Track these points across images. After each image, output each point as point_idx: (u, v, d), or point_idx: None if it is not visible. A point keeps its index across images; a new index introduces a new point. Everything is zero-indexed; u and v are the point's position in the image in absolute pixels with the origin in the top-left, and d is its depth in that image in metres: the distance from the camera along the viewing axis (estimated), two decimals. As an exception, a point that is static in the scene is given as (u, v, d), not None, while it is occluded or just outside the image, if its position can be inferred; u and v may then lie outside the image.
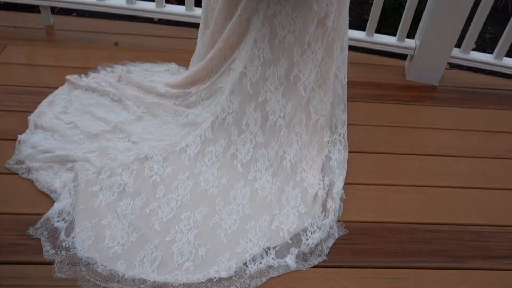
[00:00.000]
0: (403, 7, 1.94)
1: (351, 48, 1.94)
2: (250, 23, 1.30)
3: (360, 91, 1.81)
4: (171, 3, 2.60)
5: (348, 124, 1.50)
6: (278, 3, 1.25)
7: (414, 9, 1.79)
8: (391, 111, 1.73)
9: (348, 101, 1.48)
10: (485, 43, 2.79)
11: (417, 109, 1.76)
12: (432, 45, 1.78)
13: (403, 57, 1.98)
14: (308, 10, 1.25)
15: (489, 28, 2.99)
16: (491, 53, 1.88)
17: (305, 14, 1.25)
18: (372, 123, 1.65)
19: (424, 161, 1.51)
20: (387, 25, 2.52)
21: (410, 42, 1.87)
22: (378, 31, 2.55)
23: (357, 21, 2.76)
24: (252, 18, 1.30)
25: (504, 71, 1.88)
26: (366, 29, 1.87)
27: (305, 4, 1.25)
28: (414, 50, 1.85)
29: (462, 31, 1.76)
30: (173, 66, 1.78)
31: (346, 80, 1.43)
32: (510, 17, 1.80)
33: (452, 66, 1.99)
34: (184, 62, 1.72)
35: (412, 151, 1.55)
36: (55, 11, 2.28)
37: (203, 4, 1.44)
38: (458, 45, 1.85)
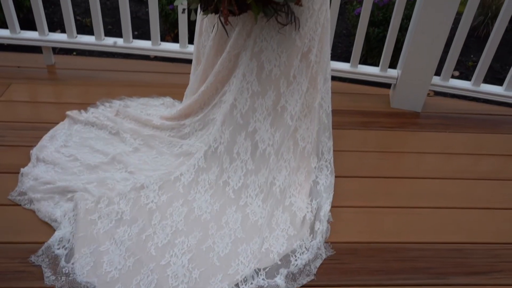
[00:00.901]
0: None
1: (339, 79, 2.06)
2: (239, 58, 1.40)
3: (348, 119, 1.90)
4: (167, 40, 2.74)
5: (336, 151, 1.58)
6: (264, 39, 1.35)
7: (394, 42, 1.91)
8: (377, 138, 1.81)
9: (336, 128, 1.56)
10: (468, 71, 2.90)
11: (402, 135, 1.85)
12: (412, 74, 1.88)
13: (387, 86, 2.08)
14: (292, 45, 1.35)
15: (472, 56, 3.11)
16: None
17: (289, 49, 1.35)
18: (359, 149, 1.73)
19: (409, 183, 1.58)
20: (373, 56, 2.64)
21: (393, 72, 1.97)
22: (365, 61, 2.68)
23: (345, 53, 2.89)
24: (240, 54, 1.40)
25: (483, 97, 1.98)
26: (351, 61, 1.98)
27: (289, 40, 1.35)
28: (397, 79, 1.95)
29: (441, 60, 1.87)
30: (168, 100, 1.87)
31: (330, 109, 1.52)
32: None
33: (437, 93, 2.09)
34: (178, 96, 1.82)
35: (397, 175, 1.62)
36: (56, 51, 2.40)
37: (195, 41, 1.54)
38: (439, 73, 1.96)
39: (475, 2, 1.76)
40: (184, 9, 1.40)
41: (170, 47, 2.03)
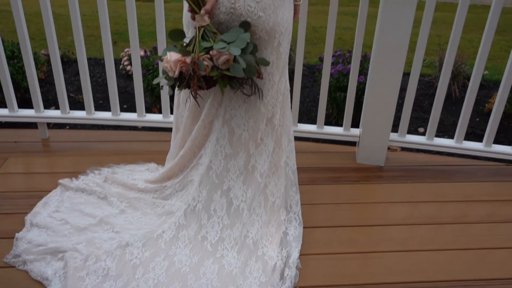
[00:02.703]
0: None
1: (309, 139, 2.26)
2: (212, 125, 1.61)
3: (318, 175, 2.09)
4: (153, 111, 2.98)
5: (308, 204, 1.75)
6: (233, 108, 1.56)
7: (353, 105, 2.15)
8: (346, 191, 1.98)
9: (308, 184, 1.74)
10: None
11: (369, 188, 2.02)
12: (372, 132, 2.10)
13: (353, 143, 2.29)
14: (257, 112, 1.56)
15: (436, 113, 3.38)
16: (438, 135, 2.20)
17: (255, 115, 1.56)
18: (330, 202, 1.89)
19: (376, 231, 1.73)
20: (343, 117, 2.88)
21: (355, 131, 2.19)
22: (337, 122, 2.91)
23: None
24: (213, 121, 1.60)
25: (437, 150, 2.18)
26: (317, 123, 2.20)
27: (254, 108, 1.56)
28: (359, 138, 2.16)
29: (398, 118, 2.10)
30: (152, 165, 2.05)
31: (295, 166, 1.70)
32: (454, 102, 2.14)
33: (403, 148, 2.30)
34: (162, 161, 1.99)
35: (365, 224, 1.77)
36: (50, 125, 2.61)
37: (174, 112, 1.75)
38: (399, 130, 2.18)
39: (417, 67, 2.00)
40: (162, 86, 1.62)
41: (154, 118, 2.25)
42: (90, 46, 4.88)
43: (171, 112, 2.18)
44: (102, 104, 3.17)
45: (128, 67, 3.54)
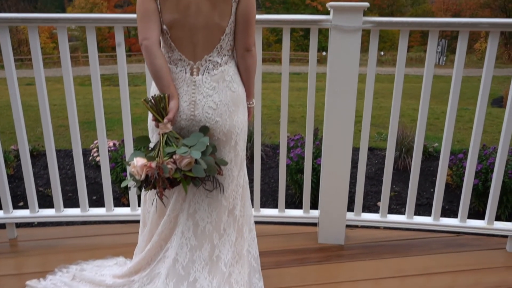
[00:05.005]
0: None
1: (270, 223, 2.38)
2: (178, 219, 1.71)
3: (282, 258, 2.18)
4: (122, 202, 3.05)
5: (269, 289, 1.82)
6: (197, 202, 1.69)
7: (309, 185, 2.31)
8: (309, 272, 2.07)
9: (272, 268, 1.81)
10: (390, 200, 3.34)
11: (331, 267, 2.12)
12: (329, 213, 2.25)
13: (314, 224, 2.42)
14: (220, 205, 1.69)
15: (394, 186, 3.59)
16: (396, 208, 2.36)
17: (218, 208, 1.69)
18: (296, 285, 1.97)
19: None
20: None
21: (315, 212, 2.33)
22: (300, 201, 3.04)
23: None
24: (178, 215, 1.71)
25: (391, 226, 2.34)
26: (278, 207, 2.34)
27: (216, 201, 1.69)
28: (318, 218, 2.30)
29: (353, 196, 2.26)
30: (121, 259, 2.10)
31: (257, 253, 1.80)
32: (409, 177, 2.31)
33: (362, 226, 2.45)
34: (131, 254, 2.05)
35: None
36: (18, 223, 2.62)
37: (141, 207, 1.85)
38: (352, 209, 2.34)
39: (364, 149, 2.21)
40: (129, 187, 1.74)
41: (122, 212, 2.33)
42: (60, 137, 5.00)
43: (139, 205, 2.28)
44: (71, 197, 3.22)
45: (98, 158, 3.65)
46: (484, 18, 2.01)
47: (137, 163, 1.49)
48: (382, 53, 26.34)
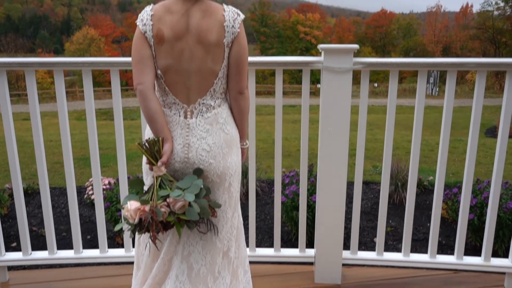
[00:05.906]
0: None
1: (266, 262, 2.36)
2: (172, 262, 1.69)
3: (278, 300, 2.15)
4: (117, 241, 3.02)
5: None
6: (191, 245, 1.67)
7: (305, 226, 2.30)
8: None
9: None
10: (387, 235, 3.32)
11: (327, 308, 2.09)
12: (325, 252, 2.23)
13: (311, 263, 2.40)
14: (214, 247, 1.68)
15: (390, 221, 3.58)
16: (392, 244, 2.34)
17: (212, 250, 1.67)
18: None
19: None
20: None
21: (311, 251, 2.32)
22: (296, 239, 3.01)
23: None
24: (173, 258, 1.69)
25: (387, 264, 2.32)
26: (274, 246, 2.32)
27: (210, 243, 1.68)
28: (314, 258, 2.28)
29: (349, 232, 2.24)
30: (114, 303, 2.06)
31: (253, 296, 1.78)
32: (404, 213, 2.30)
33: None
34: (124, 298, 2.02)
35: None
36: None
37: (135, 250, 1.83)
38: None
39: (358, 185, 2.22)
40: (123, 230, 1.73)
41: (116, 253, 2.30)
42: (56, 174, 4.98)
43: (133, 246, 2.25)
44: (65, 237, 3.19)
45: (93, 197, 3.63)
46: (471, 58, 2.08)
47: (131, 207, 1.49)
48: (376, 84, 26.77)
